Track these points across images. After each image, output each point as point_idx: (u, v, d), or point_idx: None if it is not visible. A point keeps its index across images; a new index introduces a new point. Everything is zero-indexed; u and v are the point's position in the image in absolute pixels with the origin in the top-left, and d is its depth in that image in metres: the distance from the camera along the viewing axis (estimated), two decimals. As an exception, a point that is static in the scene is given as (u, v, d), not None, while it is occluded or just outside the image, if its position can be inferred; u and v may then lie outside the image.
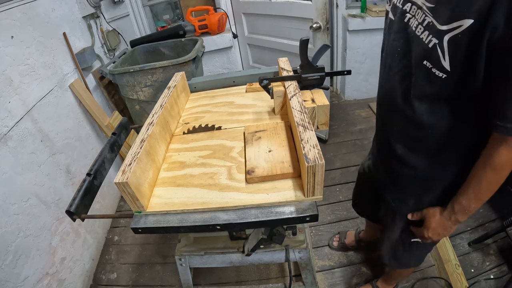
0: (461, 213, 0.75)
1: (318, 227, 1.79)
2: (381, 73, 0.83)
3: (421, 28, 0.62)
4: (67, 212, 0.74)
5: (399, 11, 0.69)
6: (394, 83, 0.75)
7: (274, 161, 0.75)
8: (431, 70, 0.62)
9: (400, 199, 0.90)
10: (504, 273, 1.42)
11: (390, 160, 0.87)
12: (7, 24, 1.35)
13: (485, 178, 0.67)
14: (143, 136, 0.79)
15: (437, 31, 0.58)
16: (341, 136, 2.48)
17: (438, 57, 0.59)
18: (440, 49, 0.58)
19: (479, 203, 0.72)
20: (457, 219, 0.76)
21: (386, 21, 0.77)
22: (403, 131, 0.78)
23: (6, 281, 1.20)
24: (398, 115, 0.76)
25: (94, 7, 2.00)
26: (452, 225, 0.79)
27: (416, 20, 0.63)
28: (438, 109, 0.67)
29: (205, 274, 1.62)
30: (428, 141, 0.73)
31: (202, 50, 2.06)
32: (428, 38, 0.60)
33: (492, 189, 0.68)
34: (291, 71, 0.98)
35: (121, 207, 2.16)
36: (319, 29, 1.88)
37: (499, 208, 1.71)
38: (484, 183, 0.67)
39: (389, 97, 0.78)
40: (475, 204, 0.72)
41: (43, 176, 1.47)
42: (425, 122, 0.70)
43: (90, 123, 1.91)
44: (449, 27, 0.55)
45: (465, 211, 0.74)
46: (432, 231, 0.82)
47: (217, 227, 0.68)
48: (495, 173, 0.65)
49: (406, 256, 1.02)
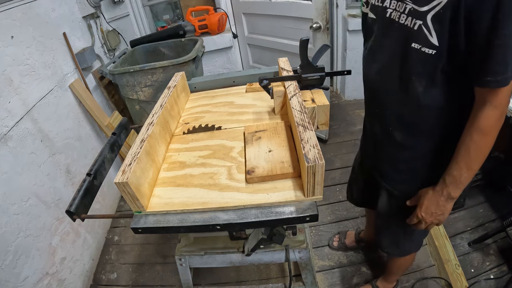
0: (453, 185, 0.74)
1: (318, 227, 1.79)
2: (366, 69, 0.86)
3: (404, 16, 0.67)
4: (67, 212, 0.74)
5: (379, 9, 0.74)
6: (387, 73, 0.77)
7: (274, 161, 0.75)
8: (420, 50, 0.66)
9: (400, 185, 0.91)
10: (504, 273, 1.42)
11: (389, 149, 0.89)
12: (7, 24, 1.35)
13: (473, 143, 0.67)
14: (143, 136, 0.79)
15: (420, 13, 0.64)
16: (341, 136, 2.48)
17: (425, 35, 0.64)
18: (426, 28, 0.64)
19: (470, 173, 0.71)
20: (449, 192, 0.75)
21: (367, 21, 0.83)
22: (401, 117, 0.80)
23: (6, 281, 1.20)
24: (394, 103, 0.79)
25: (94, 7, 2.00)
26: (445, 202, 0.77)
27: (397, 12, 0.69)
28: (432, 89, 0.70)
29: (205, 274, 1.62)
30: (424, 122, 0.76)
31: (202, 50, 2.06)
32: (413, 21, 0.66)
33: (481, 154, 0.69)
34: (291, 71, 0.98)
35: (121, 207, 2.16)
36: (319, 29, 1.88)
37: (499, 208, 1.71)
38: (473, 148, 0.68)
39: (383, 89, 0.81)
40: (466, 173, 0.71)
41: (43, 176, 1.47)
42: (421, 103, 0.73)
43: (90, 123, 1.91)
44: (429, 6, 0.62)
45: (456, 183, 0.73)
46: (425, 209, 0.81)
47: (217, 227, 0.68)
48: (483, 136, 0.66)
49: (408, 242, 1.03)
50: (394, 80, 0.75)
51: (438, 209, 0.79)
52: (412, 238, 1.02)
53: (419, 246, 1.09)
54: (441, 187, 0.76)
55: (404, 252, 1.10)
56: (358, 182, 1.25)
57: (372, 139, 0.97)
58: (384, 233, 1.09)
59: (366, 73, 0.86)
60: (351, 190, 1.34)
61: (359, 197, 1.31)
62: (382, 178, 0.97)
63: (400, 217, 0.94)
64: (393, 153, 0.88)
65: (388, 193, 0.97)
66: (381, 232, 1.11)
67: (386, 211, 1.01)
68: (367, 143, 1.04)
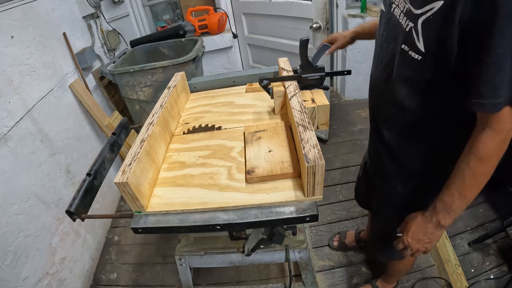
0: (443, 212, 0.68)
1: (318, 227, 1.79)
2: (372, 63, 0.85)
3: (402, 15, 0.66)
4: (67, 212, 0.74)
5: (387, 3, 0.73)
6: (381, 70, 0.78)
7: (274, 161, 0.75)
8: (408, 52, 0.65)
9: (389, 185, 0.90)
10: (504, 273, 1.42)
11: (379, 146, 0.88)
12: (7, 24, 1.35)
13: (469, 169, 0.62)
14: (143, 136, 0.79)
15: (413, 16, 0.62)
16: (341, 136, 2.48)
17: (413, 39, 0.63)
18: (415, 31, 0.62)
19: (463, 201, 0.65)
20: (439, 220, 0.69)
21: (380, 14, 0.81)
22: (388, 116, 0.80)
23: (6, 281, 1.20)
24: (383, 102, 0.79)
25: (94, 7, 2.00)
26: (434, 230, 0.71)
27: (399, 9, 0.68)
28: (418, 93, 0.69)
29: (205, 274, 1.62)
30: (410, 126, 0.74)
31: (202, 50, 2.06)
32: (406, 22, 0.65)
33: (477, 183, 0.63)
34: (291, 71, 0.98)
35: (121, 207, 2.16)
36: (319, 29, 1.88)
37: (499, 208, 1.71)
38: (468, 175, 0.62)
39: (377, 85, 0.82)
40: (459, 201, 0.65)
41: (43, 176, 1.47)
42: (406, 106, 0.72)
43: (90, 123, 1.91)
44: (422, 10, 0.60)
45: (447, 210, 0.67)
46: (412, 234, 0.75)
47: (217, 227, 0.68)
48: (480, 162, 0.60)
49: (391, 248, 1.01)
50: (384, 77, 0.76)
51: (425, 236, 0.73)
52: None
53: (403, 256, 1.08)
54: (431, 213, 0.71)
55: (387, 256, 1.09)
56: (361, 181, 1.25)
57: (371, 136, 0.98)
58: (373, 236, 1.09)
59: (372, 66, 0.86)
60: (357, 189, 1.34)
61: (362, 197, 1.31)
62: (375, 177, 0.97)
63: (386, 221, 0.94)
64: (382, 151, 0.86)
65: (379, 194, 0.97)
66: (372, 234, 1.10)
67: (377, 213, 1.01)
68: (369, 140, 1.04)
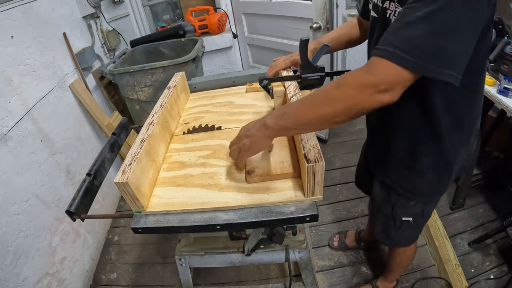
0: (274, 114, 0.65)
1: (318, 227, 1.79)
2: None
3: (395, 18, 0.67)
4: (67, 212, 0.74)
5: (380, 9, 0.73)
6: None
7: (274, 161, 0.75)
8: None
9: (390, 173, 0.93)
10: (504, 273, 1.42)
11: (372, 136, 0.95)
12: (7, 24, 1.35)
13: (322, 89, 0.61)
14: (143, 136, 0.79)
15: None
16: (341, 136, 2.48)
17: None
18: None
19: (297, 113, 0.62)
20: (266, 118, 0.66)
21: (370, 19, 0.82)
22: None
23: (6, 281, 1.20)
24: None
25: (94, 7, 2.00)
26: (259, 126, 0.67)
27: (393, 14, 0.69)
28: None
29: (205, 274, 1.62)
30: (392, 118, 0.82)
31: (202, 50, 2.07)
32: None
33: (315, 105, 0.60)
34: (291, 71, 0.98)
35: (121, 207, 2.16)
36: (319, 29, 1.88)
37: (499, 208, 1.71)
38: (316, 94, 0.61)
39: None
40: (292, 111, 0.62)
41: (43, 176, 1.47)
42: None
43: (90, 123, 1.91)
44: None
45: (275, 114, 0.65)
46: (242, 129, 0.72)
47: (217, 227, 0.68)
48: (334, 87, 0.58)
49: (397, 233, 1.03)
50: None
51: (248, 131, 0.69)
52: (400, 231, 1.02)
53: (410, 242, 1.09)
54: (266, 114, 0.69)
55: (394, 243, 1.11)
56: (361, 166, 1.27)
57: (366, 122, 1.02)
58: (376, 220, 1.10)
59: None
60: (357, 173, 1.35)
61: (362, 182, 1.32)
62: (372, 164, 1.00)
63: (390, 207, 0.96)
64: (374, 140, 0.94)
65: (379, 180, 0.99)
66: (375, 218, 1.12)
67: (378, 199, 1.03)
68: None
